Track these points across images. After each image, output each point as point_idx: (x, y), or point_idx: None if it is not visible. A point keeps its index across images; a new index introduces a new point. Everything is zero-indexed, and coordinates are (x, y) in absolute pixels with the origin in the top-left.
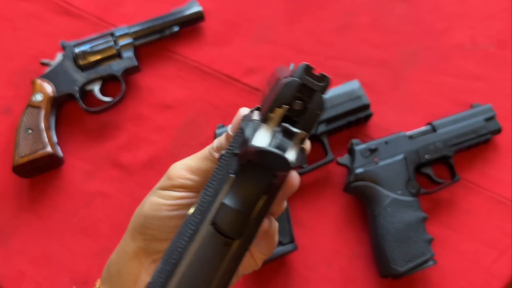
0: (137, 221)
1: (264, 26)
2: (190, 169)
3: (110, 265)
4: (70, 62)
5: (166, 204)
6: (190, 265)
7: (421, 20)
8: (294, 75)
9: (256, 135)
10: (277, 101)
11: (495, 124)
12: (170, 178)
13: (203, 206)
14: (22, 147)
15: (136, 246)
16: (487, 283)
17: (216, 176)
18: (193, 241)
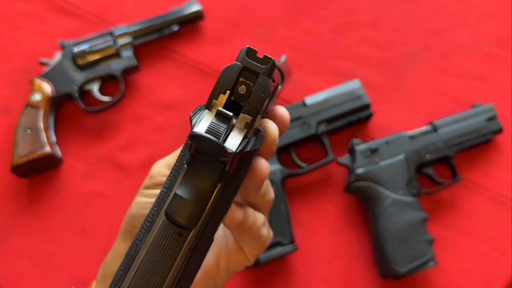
0: (126, 222)
1: (264, 25)
2: (169, 165)
3: (105, 266)
4: (69, 61)
5: (149, 202)
6: (146, 256)
7: (422, 19)
8: (237, 59)
9: (199, 123)
10: (220, 86)
11: (496, 124)
12: (151, 176)
13: (160, 198)
14: (21, 147)
15: (126, 245)
16: (488, 284)
17: (174, 167)
18: (149, 232)
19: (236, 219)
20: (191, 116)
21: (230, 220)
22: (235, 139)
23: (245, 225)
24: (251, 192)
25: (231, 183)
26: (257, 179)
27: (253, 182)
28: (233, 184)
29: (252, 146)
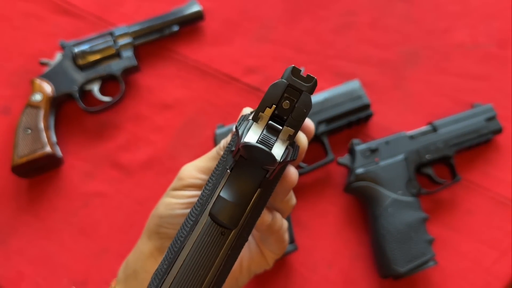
0: (152, 222)
1: (264, 25)
2: (199, 169)
3: (127, 266)
4: (70, 61)
5: (179, 203)
6: (191, 252)
7: (422, 19)
8: (282, 77)
9: (248, 133)
10: (266, 101)
11: (496, 124)
12: (181, 178)
13: (202, 199)
14: (21, 147)
15: (152, 245)
16: (488, 284)
17: (216, 172)
18: (193, 231)
19: (266, 221)
20: (237, 126)
21: (261, 222)
22: (279, 149)
23: (273, 228)
24: (279, 197)
25: (268, 188)
26: (287, 185)
27: (283, 188)
28: (269, 189)
29: (291, 156)
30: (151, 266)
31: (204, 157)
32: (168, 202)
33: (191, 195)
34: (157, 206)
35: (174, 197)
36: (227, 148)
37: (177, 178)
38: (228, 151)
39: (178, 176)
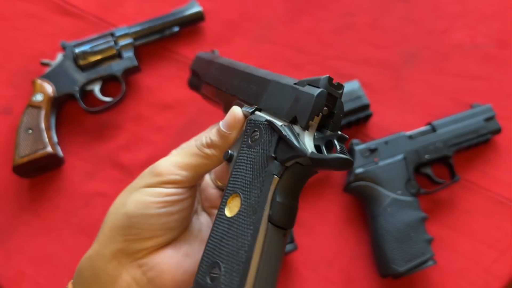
0: (117, 222)
1: (264, 26)
2: (179, 164)
3: (82, 269)
4: (70, 62)
5: (155, 201)
6: (262, 260)
7: (421, 20)
8: (320, 86)
9: (306, 143)
10: (315, 110)
11: (495, 124)
12: (159, 174)
13: (255, 207)
14: (22, 147)
15: (114, 248)
16: (487, 283)
17: (258, 178)
18: (256, 239)
19: None
20: (285, 136)
21: None
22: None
23: None
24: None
25: None
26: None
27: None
28: None
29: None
30: (114, 269)
31: (183, 152)
32: (141, 200)
33: (169, 193)
34: (122, 203)
35: (149, 195)
36: (257, 153)
37: (152, 174)
38: (267, 157)
39: (154, 171)
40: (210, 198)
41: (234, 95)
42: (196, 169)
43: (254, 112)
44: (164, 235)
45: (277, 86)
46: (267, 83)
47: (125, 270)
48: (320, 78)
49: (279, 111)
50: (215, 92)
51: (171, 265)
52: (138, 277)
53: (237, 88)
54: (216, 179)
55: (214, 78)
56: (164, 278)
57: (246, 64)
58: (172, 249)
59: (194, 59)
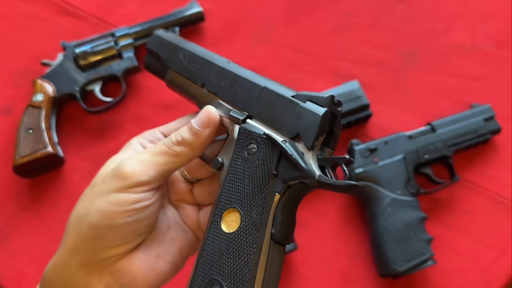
0: (82, 233)
1: (264, 26)
2: (145, 164)
3: (50, 279)
4: (71, 62)
5: (122, 211)
6: (266, 278)
7: (420, 20)
8: (323, 105)
9: (312, 164)
10: (321, 131)
11: (495, 124)
12: (125, 177)
13: (257, 225)
14: (22, 147)
15: (81, 258)
16: (487, 283)
17: (258, 195)
18: (260, 257)
19: None
20: (291, 156)
21: None
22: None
23: None
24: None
25: None
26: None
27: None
28: None
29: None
30: (83, 278)
31: (150, 151)
32: (106, 209)
33: (136, 200)
34: (85, 212)
35: (115, 204)
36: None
37: (116, 176)
38: (268, 174)
39: (119, 174)
40: (179, 191)
41: (215, 93)
42: (164, 168)
43: (245, 120)
44: (132, 241)
45: (272, 95)
46: (258, 88)
47: (95, 278)
48: (323, 96)
49: (275, 123)
50: (187, 84)
51: (144, 269)
52: (110, 284)
53: (218, 86)
54: (185, 172)
55: (184, 68)
56: (137, 282)
57: (218, 55)
58: (143, 252)
59: (151, 38)
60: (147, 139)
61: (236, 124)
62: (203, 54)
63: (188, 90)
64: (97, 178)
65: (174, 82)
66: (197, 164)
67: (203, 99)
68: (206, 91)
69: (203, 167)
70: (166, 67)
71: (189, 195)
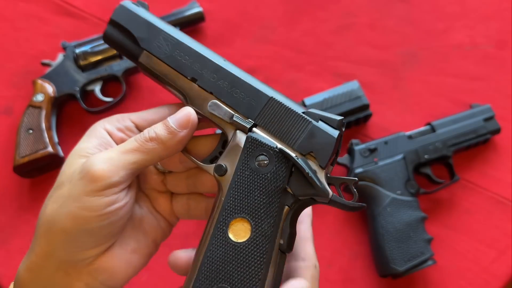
0: (54, 238)
1: (264, 26)
2: (115, 164)
3: (25, 282)
4: (71, 62)
5: (94, 216)
6: (275, 284)
7: (420, 20)
8: (335, 127)
9: (324, 183)
10: (334, 152)
11: (494, 124)
12: (95, 179)
13: (268, 236)
14: (23, 147)
15: (56, 261)
16: (487, 283)
17: (269, 207)
18: (269, 268)
19: None
20: (307, 174)
21: None
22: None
23: None
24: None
25: None
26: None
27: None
28: None
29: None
30: (62, 279)
31: (120, 148)
32: (78, 215)
33: (109, 203)
34: (55, 218)
35: (87, 209)
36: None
37: (86, 179)
38: (279, 189)
39: (89, 176)
40: (150, 181)
41: (211, 92)
42: (135, 166)
43: (251, 128)
44: (108, 242)
45: (281, 108)
46: (265, 97)
47: (74, 278)
48: (335, 118)
49: (284, 137)
50: (171, 74)
51: (121, 264)
52: (90, 282)
53: (214, 86)
54: (159, 163)
55: (167, 55)
56: (115, 278)
57: (206, 47)
58: (119, 248)
59: (116, 9)
60: (115, 126)
61: (240, 130)
62: (191, 43)
63: (172, 82)
64: (62, 177)
65: (154, 69)
66: (174, 158)
67: (193, 95)
68: (197, 87)
69: (180, 163)
70: (140, 48)
71: (161, 184)
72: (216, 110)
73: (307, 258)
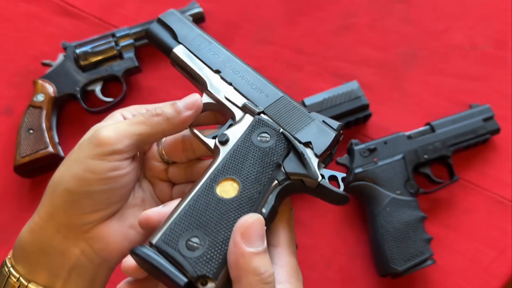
0: (58, 198)
1: (264, 27)
2: (121, 133)
3: (25, 244)
4: (71, 62)
5: (97, 178)
6: None
7: (420, 21)
8: (336, 129)
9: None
10: (330, 146)
11: (494, 124)
12: (101, 144)
13: (252, 200)
14: (23, 147)
15: (56, 223)
16: (486, 283)
17: (261, 176)
18: None
19: None
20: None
21: None
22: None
23: None
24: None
25: None
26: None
27: None
28: None
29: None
30: (60, 243)
31: (128, 121)
32: (82, 176)
33: (111, 168)
34: (61, 178)
35: (90, 171)
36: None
37: (93, 143)
38: (271, 161)
39: (95, 141)
40: (154, 169)
41: (230, 83)
42: (139, 138)
43: (260, 113)
44: (107, 209)
45: (290, 105)
46: (277, 95)
47: (71, 243)
48: (336, 122)
49: (289, 127)
50: (198, 65)
51: (117, 237)
52: (85, 249)
53: (234, 79)
54: (163, 152)
55: (199, 50)
56: (110, 249)
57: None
58: (117, 221)
59: (166, 13)
60: (131, 113)
61: (249, 114)
62: (219, 44)
63: (198, 71)
64: (75, 146)
65: (184, 60)
66: (177, 147)
67: (215, 83)
68: (219, 78)
69: (183, 152)
70: (177, 42)
71: (164, 173)
72: (232, 96)
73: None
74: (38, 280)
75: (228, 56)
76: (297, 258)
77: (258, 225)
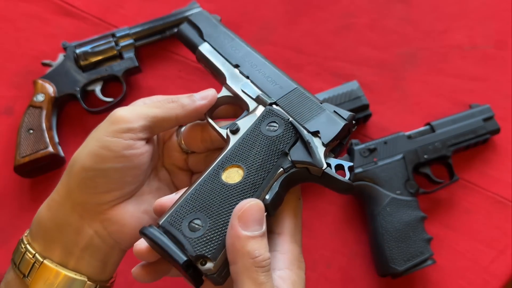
0: (74, 175)
1: (264, 27)
2: (137, 113)
3: (43, 220)
4: (71, 62)
5: (111, 156)
6: None
7: (420, 20)
8: (346, 119)
9: (322, 158)
10: (338, 136)
11: (494, 124)
12: (116, 121)
13: (256, 186)
14: (23, 147)
15: (73, 201)
16: (486, 283)
17: (266, 163)
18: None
19: None
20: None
21: None
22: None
23: None
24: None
25: None
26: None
27: None
28: None
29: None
30: (75, 222)
31: (145, 105)
32: (97, 153)
33: (125, 146)
34: (79, 154)
35: (105, 148)
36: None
37: (109, 121)
38: (277, 150)
39: (111, 119)
40: (174, 157)
41: (247, 77)
42: (153, 120)
43: (272, 104)
44: (120, 189)
45: (302, 96)
46: (291, 87)
47: (86, 223)
48: (348, 112)
49: (299, 117)
50: (221, 61)
51: (131, 221)
52: (99, 230)
53: (252, 72)
54: (182, 142)
55: (222, 46)
56: (123, 232)
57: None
58: (132, 206)
59: (196, 13)
60: (152, 102)
61: (262, 105)
62: (242, 41)
63: (219, 65)
64: (96, 127)
65: (207, 56)
66: (196, 137)
67: (233, 76)
68: (238, 72)
69: (201, 143)
70: (203, 40)
71: (183, 162)
72: (247, 88)
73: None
74: (53, 257)
75: (247, 51)
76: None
77: (256, 210)
